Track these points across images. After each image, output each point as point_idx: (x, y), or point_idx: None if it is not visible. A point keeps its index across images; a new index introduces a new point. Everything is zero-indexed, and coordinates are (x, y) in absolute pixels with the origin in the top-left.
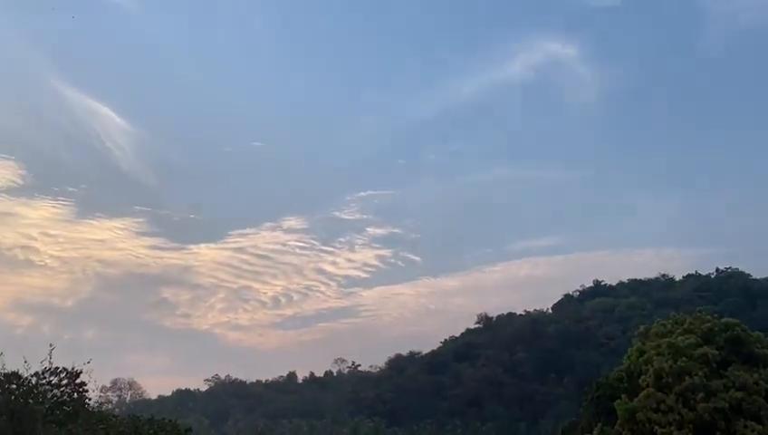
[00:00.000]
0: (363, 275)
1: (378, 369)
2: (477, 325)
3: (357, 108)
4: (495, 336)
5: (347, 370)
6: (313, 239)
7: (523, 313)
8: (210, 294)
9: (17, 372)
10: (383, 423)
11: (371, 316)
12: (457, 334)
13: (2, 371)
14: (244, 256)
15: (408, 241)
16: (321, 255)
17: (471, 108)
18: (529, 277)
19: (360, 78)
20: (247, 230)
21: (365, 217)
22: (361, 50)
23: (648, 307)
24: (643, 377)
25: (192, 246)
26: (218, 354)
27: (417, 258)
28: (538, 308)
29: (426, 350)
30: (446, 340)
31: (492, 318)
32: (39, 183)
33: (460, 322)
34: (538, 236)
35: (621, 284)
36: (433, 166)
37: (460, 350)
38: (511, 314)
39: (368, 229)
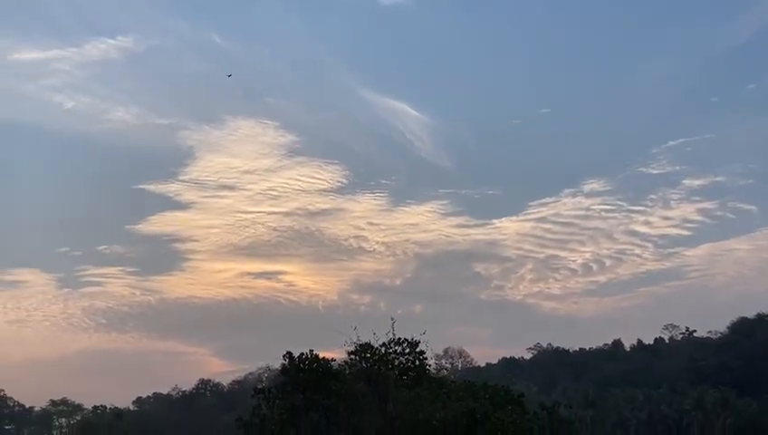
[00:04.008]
0: (684, 232)
1: (718, 334)
2: None
3: (650, 50)
4: None
5: (680, 336)
6: (619, 200)
7: None
8: (519, 266)
9: (369, 343)
10: (733, 393)
11: (701, 277)
12: None
13: (358, 342)
14: (547, 226)
15: (737, 189)
16: (632, 215)
17: None
18: None
19: (651, 15)
20: (546, 199)
21: (678, 168)
22: None
23: None
24: None
25: (495, 221)
26: (535, 324)
27: (752, 207)
28: None
29: None
30: None
31: None
32: (359, 180)
33: None
34: None
35: None
36: (755, 98)
37: None
38: None
39: (683, 182)
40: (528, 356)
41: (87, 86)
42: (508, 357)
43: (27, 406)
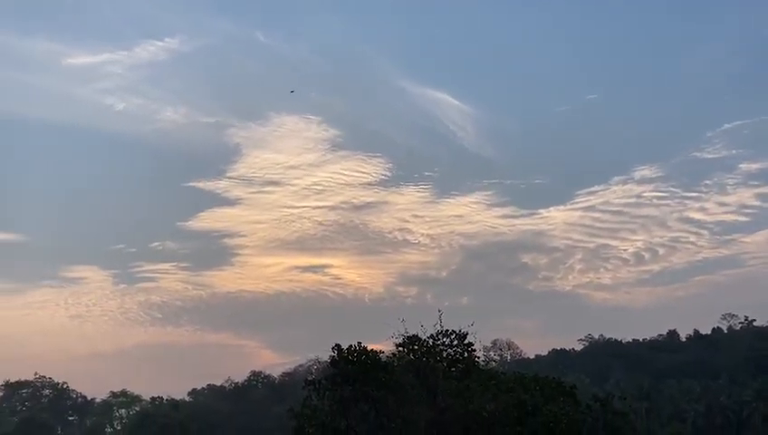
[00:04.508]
0: (742, 218)
1: None
2: None
3: (702, 30)
4: None
5: (739, 325)
6: (672, 187)
7: None
8: (567, 256)
9: (417, 335)
10: None
11: (760, 264)
12: None
13: (405, 334)
14: (596, 215)
15: None
16: (685, 202)
17: None
18: None
19: None
20: (595, 187)
21: (735, 151)
22: None
23: None
24: None
25: (542, 211)
26: (586, 314)
27: None
28: None
29: None
30: None
31: None
32: (402, 173)
33: None
34: None
35: None
36: None
37: None
38: None
39: (740, 166)
40: (579, 348)
41: (137, 88)
42: (558, 349)
43: (89, 398)
